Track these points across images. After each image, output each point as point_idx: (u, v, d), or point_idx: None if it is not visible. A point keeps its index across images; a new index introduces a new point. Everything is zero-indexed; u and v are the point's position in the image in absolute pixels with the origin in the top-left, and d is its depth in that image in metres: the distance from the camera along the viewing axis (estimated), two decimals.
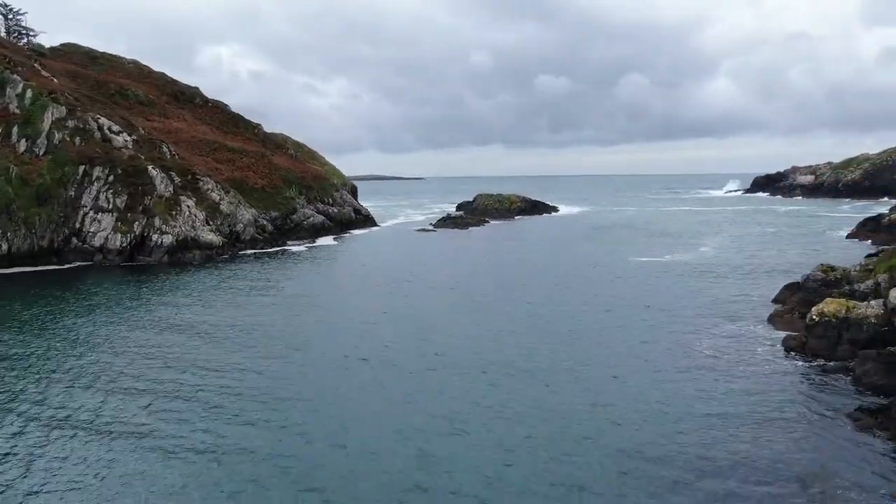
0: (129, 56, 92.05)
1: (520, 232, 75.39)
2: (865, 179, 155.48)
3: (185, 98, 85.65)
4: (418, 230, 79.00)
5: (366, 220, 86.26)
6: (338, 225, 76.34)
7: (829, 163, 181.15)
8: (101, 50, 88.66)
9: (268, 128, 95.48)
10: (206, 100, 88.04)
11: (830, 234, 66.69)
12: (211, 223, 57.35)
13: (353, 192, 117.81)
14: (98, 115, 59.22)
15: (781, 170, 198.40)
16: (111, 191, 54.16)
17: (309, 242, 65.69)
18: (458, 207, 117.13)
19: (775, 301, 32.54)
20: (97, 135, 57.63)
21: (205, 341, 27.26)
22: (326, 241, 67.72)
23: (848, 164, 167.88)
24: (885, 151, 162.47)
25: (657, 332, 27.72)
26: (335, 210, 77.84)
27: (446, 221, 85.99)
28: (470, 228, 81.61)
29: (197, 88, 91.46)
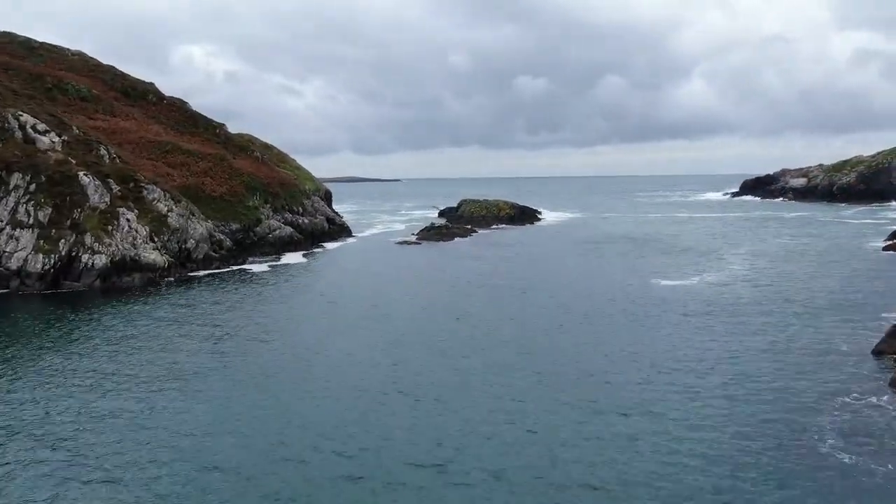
0: (101, 58, 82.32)
1: (512, 244, 67.32)
2: (861, 182, 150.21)
3: (137, 94, 76.43)
4: (399, 242, 70.63)
5: (340, 231, 77.70)
6: (308, 237, 67.70)
7: (821, 165, 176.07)
8: (42, 40, 79.09)
9: (243, 129, 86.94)
10: (161, 96, 78.85)
11: (862, 245, 59.58)
12: (156, 239, 48.47)
13: (328, 198, 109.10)
14: (20, 112, 50.07)
15: (770, 172, 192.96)
16: (32, 202, 45.09)
17: (273, 260, 56.98)
18: (441, 214, 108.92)
19: (878, 353, 24.77)
20: (18, 135, 48.54)
21: (103, 401, 18.67)
22: (294, 257, 59.05)
23: (841, 166, 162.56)
24: (879, 153, 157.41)
25: (761, 422, 19.67)
26: (305, 220, 69.18)
27: (430, 232, 77.71)
28: (456, 239, 73.43)
29: (152, 84, 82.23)
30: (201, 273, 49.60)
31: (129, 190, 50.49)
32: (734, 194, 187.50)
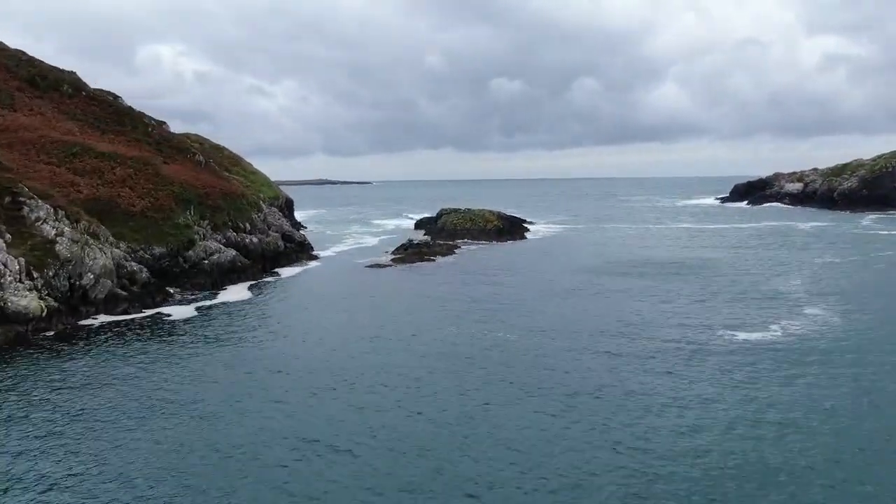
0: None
1: (506, 269, 54.94)
2: (863, 188, 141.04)
3: (48, 84, 62.67)
4: (370, 265, 57.86)
5: (300, 250, 64.71)
6: (258, 261, 54.71)
7: (815, 169, 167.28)
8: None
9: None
10: (79, 87, 65.14)
11: None
12: (35, 276, 35.24)
13: (289, 206, 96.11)
14: None
15: (760, 176, 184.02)
16: None
17: (206, 297, 43.94)
18: (419, 225, 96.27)
19: None
20: None
21: None
22: (236, 291, 46.11)
23: (840, 170, 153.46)
24: (880, 157, 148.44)
25: None
26: (255, 240, 56.09)
27: (407, 250, 65.07)
28: (437, 260, 60.96)
29: (72, 73, 68.48)
30: (100, 320, 36.46)
31: (1, 207, 37.18)
32: (723, 199, 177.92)
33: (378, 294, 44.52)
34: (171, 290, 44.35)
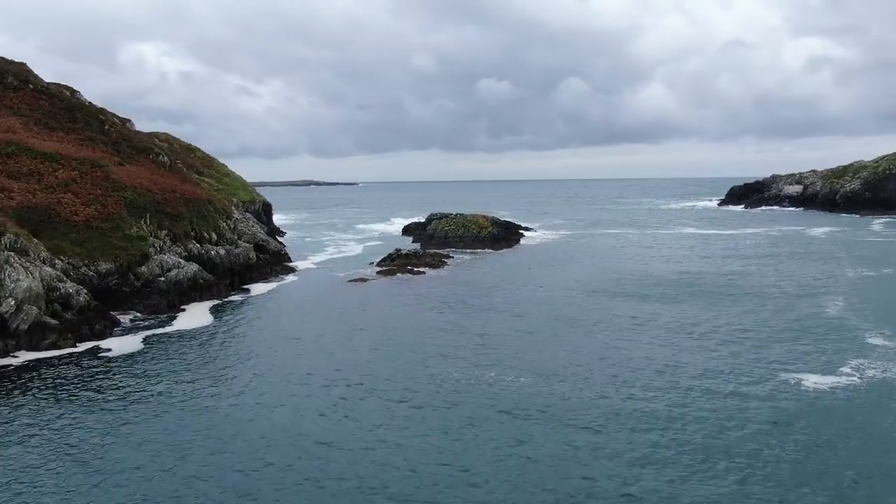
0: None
1: (504, 287, 48.61)
2: (866, 190, 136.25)
3: None
4: (352, 280, 51.42)
5: (275, 262, 58.20)
6: (225, 275, 48.23)
7: (814, 171, 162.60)
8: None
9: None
10: (26, 80, 58.29)
11: None
12: None
13: (267, 211, 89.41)
14: None
15: (749, 176, 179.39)
16: None
17: (159, 323, 37.39)
18: (407, 230, 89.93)
19: None
20: None
21: None
22: (195, 315, 39.61)
23: (842, 172, 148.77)
24: (883, 158, 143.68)
25: None
26: (222, 252, 49.53)
27: (394, 261, 58.70)
28: (427, 273, 54.68)
29: (22, 65, 61.69)
30: (21, 359, 29.86)
31: None
32: (720, 202, 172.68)
33: (358, 320, 38.07)
34: (118, 315, 37.79)
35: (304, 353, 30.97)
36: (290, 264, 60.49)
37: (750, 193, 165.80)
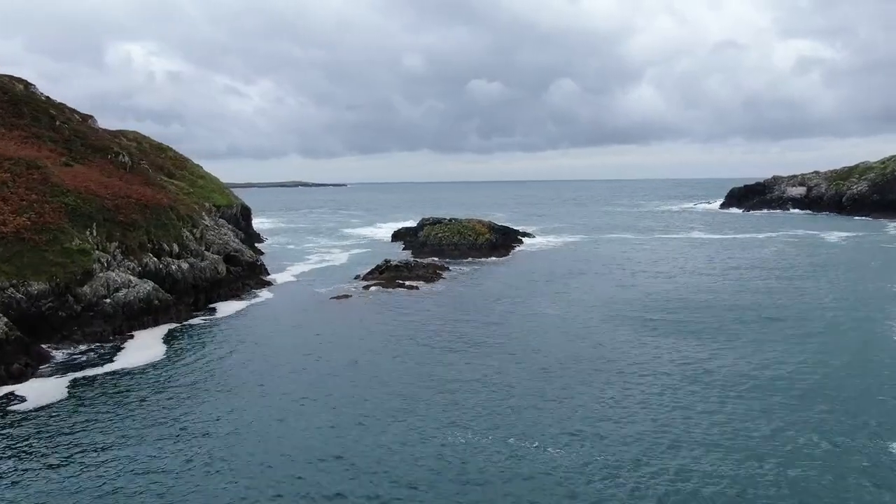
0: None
1: (507, 310, 42.33)
2: (874, 192, 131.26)
3: None
4: (336, 297, 44.98)
5: (250, 274, 51.77)
6: (188, 293, 41.79)
7: (817, 172, 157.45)
8: None
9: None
10: None
11: None
12: None
13: (246, 215, 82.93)
14: None
15: (750, 178, 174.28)
16: None
17: (98, 359, 30.82)
18: (397, 236, 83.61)
19: None
20: None
21: None
22: (144, 345, 33.13)
23: (847, 174, 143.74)
24: (891, 158, 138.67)
25: None
26: (185, 266, 42.98)
27: (382, 274, 52.32)
28: (421, 288, 48.45)
29: None
30: None
31: None
32: (722, 204, 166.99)
33: (335, 357, 31.65)
34: (50, 348, 31.29)
35: (266, 399, 24.57)
36: (267, 277, 54.03)
37: (750, 195, 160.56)
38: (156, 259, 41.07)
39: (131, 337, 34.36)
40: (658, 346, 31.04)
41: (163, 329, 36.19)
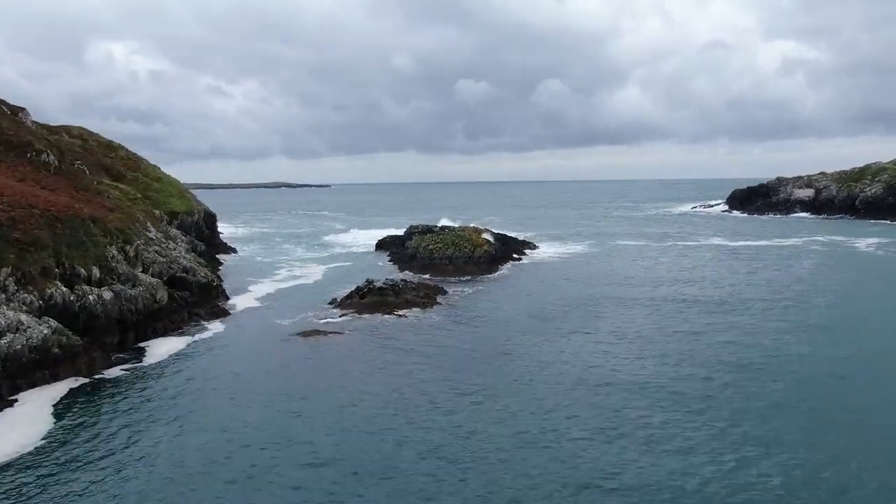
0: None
1: (526, 345, 33.37)
2: (889, 195, 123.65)
3: None
4: (303, 334, 35.42)
5: (202, 299, 42.28)
6: (111, 330, 32.27)
7: (823, 173, 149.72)
8: None
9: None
10: None
11: None
12: None
13: (210, 223, 73.26)
14: None
15: (766, 180, 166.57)
16: None
17: None
18: (381, 245, 74.17)
19: None
20: None
21: None
22: (26, 420, 23.58)
23: (859, 175, 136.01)
24: None
25: None
26: (107, 295, 33.32)
27: (363, 299, 42.87)
28: (409, 317, 39.24)
29: None
30: None
31: None
32: (725, 207, 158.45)
33: (293, 434, 22.29)
34: None
35: None
36: (224, 303, 44.55)
37: (753, 197, 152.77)
38: (65, 289, 31.43)
39: (11, 404, 24.79)
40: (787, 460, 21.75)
41: (62, 387, 26.71)
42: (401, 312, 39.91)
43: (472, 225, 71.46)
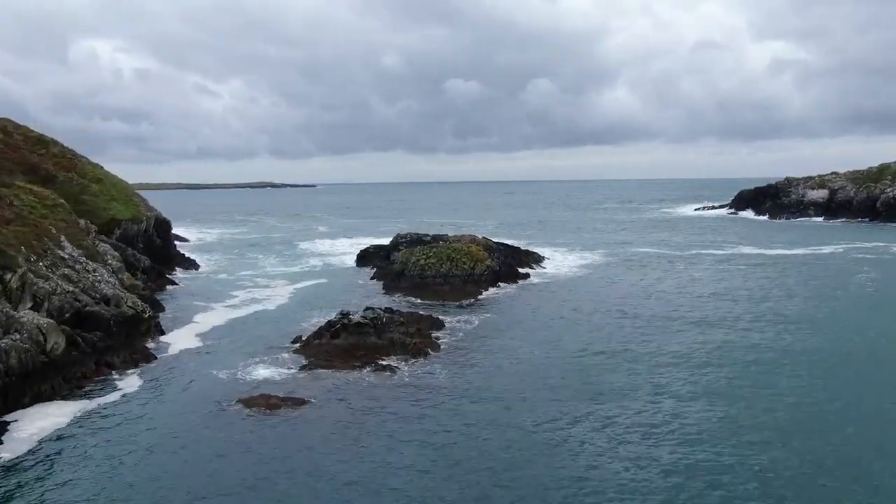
0: None
1: (566, 420, 23.27)
2: None
3: None
4: (249, 403, 25.01)
5: (119, 341, 31.84)
6: None
7: (835, 173, 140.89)
8: None
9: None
10: None
11: None
12: None
13: (162, 232, 62.70)
14: None
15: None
16: None
17: None
18: (363, 258, 63.78)
19: None
20: None
21: None
22: None
23: (878, 175, 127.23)
24: None
25: None
26: None
27: (336, 338, 32.47)
28: (395, 367, 29.05)
29: None
30: None
31: None
32: (731, 208, 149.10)
33: None
34: None
35: None
36: (155, 342, 34.21)
37: (762, 198, 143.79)
38: None
39: None
40: None
41: None
42: (386, 361, 29.68)
43: (468, 234, 61.24)
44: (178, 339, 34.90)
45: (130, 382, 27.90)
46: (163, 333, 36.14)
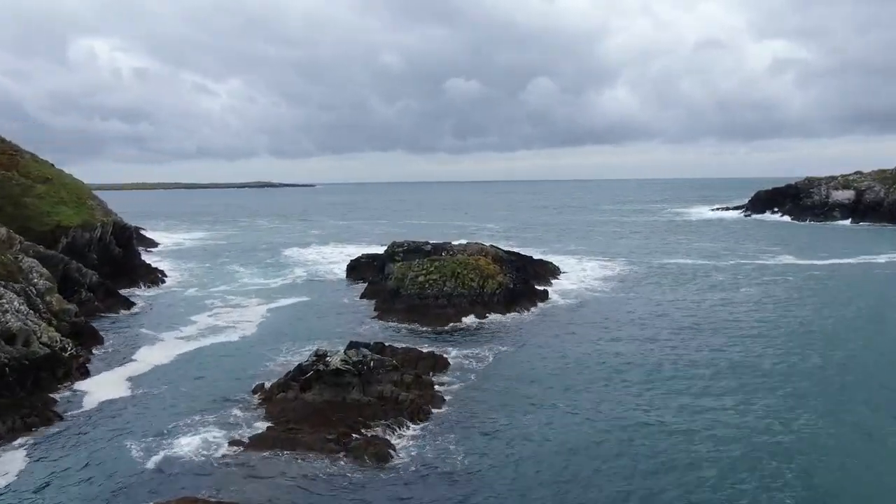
0: None
1: None
2: None
3: None
4: None
5: (16, 399, 23.69)
6: None
7: (859, 172, 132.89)
8: None
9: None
10: None
11: None
12: None
13: (123, 240, 54.60)
14: None
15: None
16: None
17: None
18: (353, 270, 55.52)
19: None
20: None
21: None
22: None
23: None
24: None
25: None
26: None
27: (307, 390, 24.27)
28: (387, 446, 20.76)
29: None
30: None
31: None
32: (746, 210, 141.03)
33: None
34: None
35: None
36: (69, 389, 26.09)
37: (782, 199, 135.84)
38: None
39: None
40: None
41: None
42: (372, 431, 21.49)
43: (475, 242, 53.10)
44: (103, 387, 26.74)
45: (10, 460, 19.74)
46: (87, 376, 28.05)
